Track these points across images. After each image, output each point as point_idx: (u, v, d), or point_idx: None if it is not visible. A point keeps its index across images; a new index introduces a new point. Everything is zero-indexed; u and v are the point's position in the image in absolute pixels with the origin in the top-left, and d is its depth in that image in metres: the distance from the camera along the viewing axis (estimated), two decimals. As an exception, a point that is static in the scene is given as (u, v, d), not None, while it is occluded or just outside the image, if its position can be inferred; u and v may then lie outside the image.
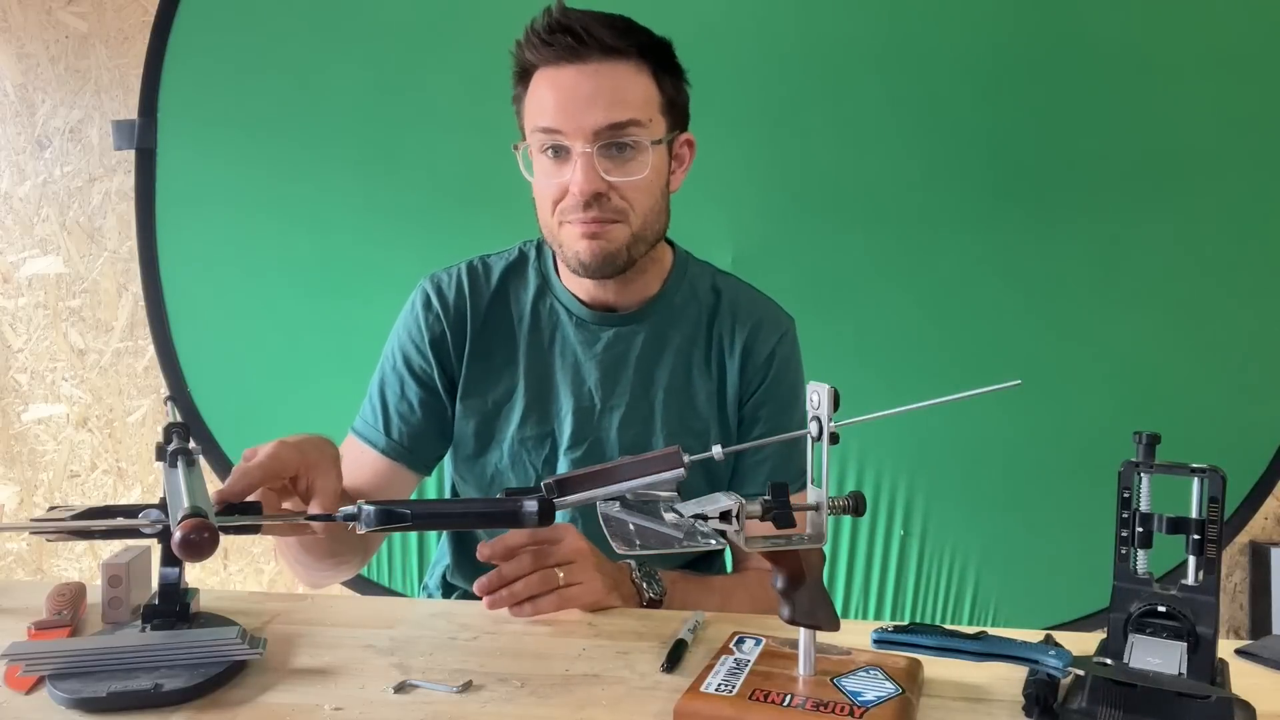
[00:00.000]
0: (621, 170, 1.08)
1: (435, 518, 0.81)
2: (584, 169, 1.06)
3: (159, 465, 0.85)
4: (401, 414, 1.19)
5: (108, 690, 0.72)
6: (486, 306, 1.20)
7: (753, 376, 1.20)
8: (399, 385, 1.20)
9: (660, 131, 1.10)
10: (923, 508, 1.81)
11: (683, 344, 1.20)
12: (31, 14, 2.02)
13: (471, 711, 0.73)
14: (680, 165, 1.17)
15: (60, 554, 2.19)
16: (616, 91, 1.06)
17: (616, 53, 1.06)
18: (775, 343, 1.21)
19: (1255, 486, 1.79)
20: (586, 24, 1.05)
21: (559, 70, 1.07)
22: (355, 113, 1.82)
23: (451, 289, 1.20)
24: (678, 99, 1.14)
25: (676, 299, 1.21)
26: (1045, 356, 1.78)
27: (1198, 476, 0.72)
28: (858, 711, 0.68)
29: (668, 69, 1.12)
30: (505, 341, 1.20)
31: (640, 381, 1.18)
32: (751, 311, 1.22)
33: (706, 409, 1.20)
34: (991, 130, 1.74)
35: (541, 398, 1.18)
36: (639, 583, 1.02)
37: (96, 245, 2.07)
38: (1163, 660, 0.71)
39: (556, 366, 1.19)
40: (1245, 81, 1.71)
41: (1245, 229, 1.74)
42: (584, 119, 1.05)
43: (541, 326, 1.20)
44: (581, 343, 1.19)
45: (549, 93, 1.07)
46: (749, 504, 0.69)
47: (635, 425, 1.18)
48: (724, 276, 1.25)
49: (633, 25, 1.10)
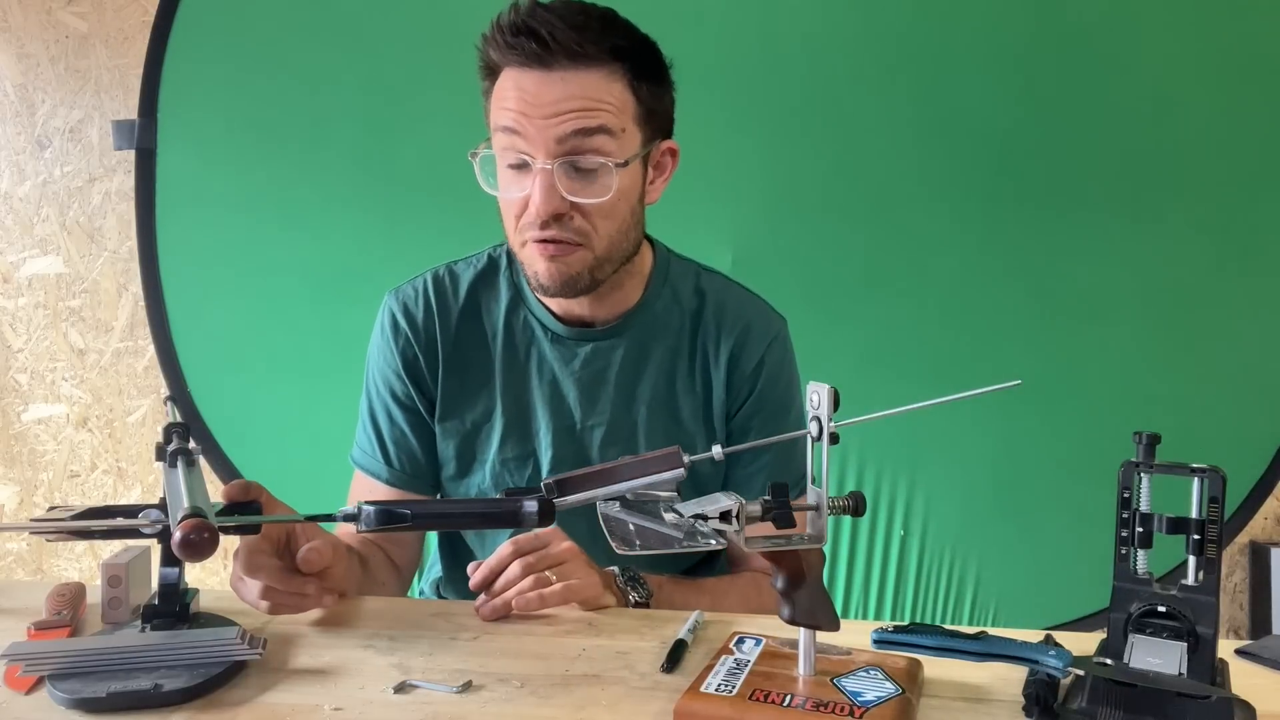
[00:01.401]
0: (584, 191, 1.00)
1: (435, 518, 0.81)
2: (542, 188, 0.98)
3: (159, 465, 0.85)
4: (396, 441, 1.16)
5: (108, 690, 0.72)
6: (457, 322, 1.14)
7: (740, 387, 1.15)
8: (387, 413, 1.16)
9: (634, 145, 1.02)
10: (923, 508, 1.81)
11: (665, 356, 1.14)
12: (31, 14, 2.02)
13: (471, 711, 0.73)
14: (660, 174, 1.10)
15: (60, 554, 2.19)
16: (583, 101, 0.97)
17: (585, 58, 0.97)
18: (764, 350, 1.15)
19: (1255, 486, 1.79)
20: (553, 26, 0.96)
21: (523, 73, 0.99)
22: (355, 112, 1.83)
23: (419, 307, 1.15)
24: (657, 106, 1.05)
25: (658, 307, 1.15)
26: (1045, 356, 1.78)
27: (1198, 476, 0.72)
28: (858, 711, 0.68)
29: (646, 74, 1.02)
30: (479, 358, 1.14)
31: (621, 399, 1.13)
32: (739, 316, 1.15)
33: (692, 424, 1.15)
34: (991, 130, 1.74)
35: (520, 417, 1.14)
36: (623, 588, 1.00)
37: (96, 245, 2.07)
38: (1163, 660, 0.71)
39: (534, 384, 1.13)
40: (1247, 84, 1.72)
41: (1245, 229, 1.75)
42: (546, 130, 0.97)
43: (516, 342, 1.14)
44: (558, 359, 1.13)
45: (512, 94, 0.99)
46: (749, 504, 0.69)
47: (618, 444, 1.13)
48: (709, 276, 1.19)
49: (609, 25, 1.00)
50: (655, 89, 1.04)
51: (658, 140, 1.07)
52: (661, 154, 1.09)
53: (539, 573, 0.93)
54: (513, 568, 0.94)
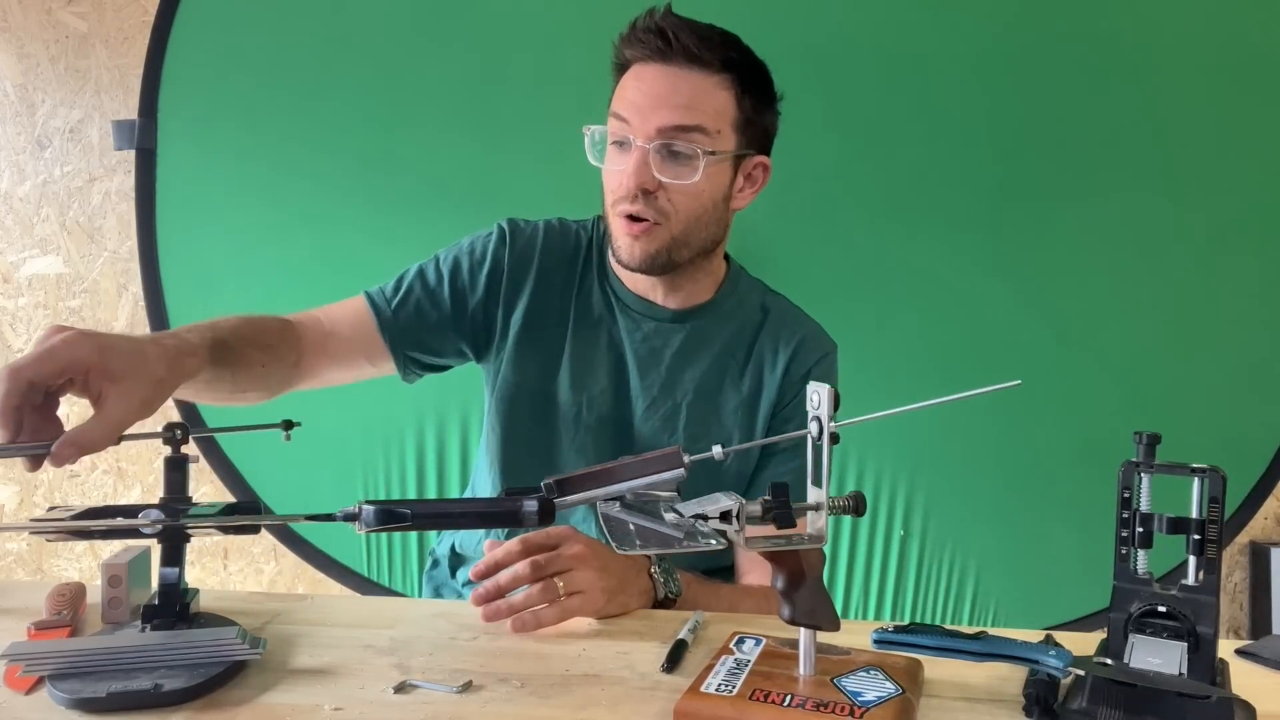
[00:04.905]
0: (674, 172, 1.11)
1: (435, 517, 0.81)
2: (636, 163, 1.10)
3: (159, 465, 0.85)
4: (420, 307, 1.22)
5: (107, 690, 0.72)
6: (552, 265, 1.24)
7: (786, 390, 1.23)
8: (436, 282, 1.23)
9: (728, 145, 1.13)
10: (923, 508, 1.81)
11: (720, 352, 1.23)
12: (31, 14, 2.02)
13: (471, 711, 0.73)
14: (751, 186, 1.21)
15: (60, 554, 2.19)
16: (690, 98, 1.10)
17: (700, 62, 1.10)
18: (814, 362, 1.24)
19: (1255, 486, 1.79)
20: (678, 30, 1.10)
21: (646, 66, 1.12)
22: (356, 112, 1.82)
23: (524, 236, 1.25)
24: (758, 120, 1.16)
25: (724, 309, 1.25)
26: (1045, 356, 1.78)
27: (1198, 476, 0.72)
28: (858, 711, 0.68)
29: (753, 90, 1.15)
30: (560, 304, 1.24)
31: (670, 380, 1.22)
32: (797, 329, 1.25)
33: (731, 419, 1.22)
34: (991, 130, 1.74)
35: (579, 368, 1.22)
36: (656, 578, 1.00)
37: (96, 245, 2.07)
38: (1163, 660, 0.71)
39: (601, 344, 1.23)
40: (1246, 81, 1.71)
41: (1246, 228, 1.74)
42: (651, 115, 1.09)
43: (593, 302, 1.24)
44: (625, 329, 1.23)
45: (631, 83, 1.12)
46: (749, 504, 0.69)
47: (658, 420, 1.21)
48: (774, 296, 1.30)
49: (727, 41, 1.13)
50: (758, 104, 1.16)
51: (752, 152, 1.18)
52: (754, 166, 1.20)
53: (546, 578, 0.92)
54: (520, 565, 0.93)
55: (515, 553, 0.94)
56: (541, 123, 1.76)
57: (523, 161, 1.77)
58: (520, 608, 0.90)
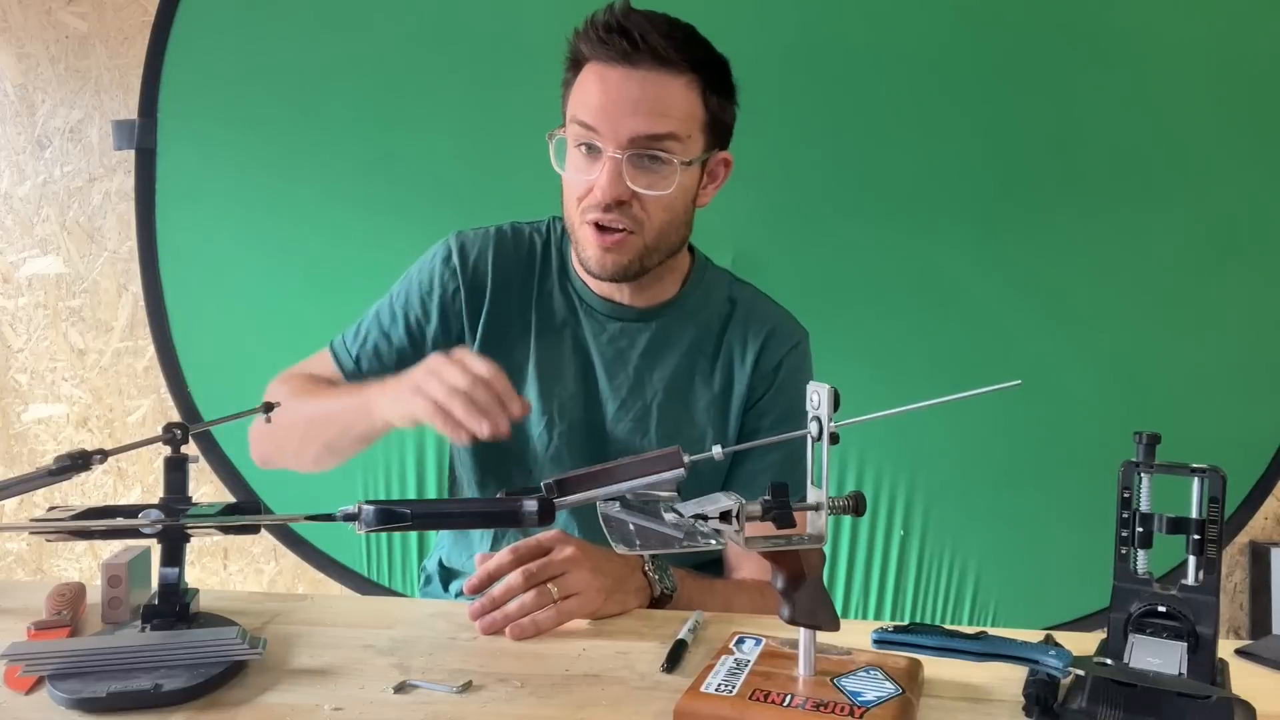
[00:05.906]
0: (647, 182, 1.07)
1: (435, 517, 0.81)
2: (610, 174, 1.06)
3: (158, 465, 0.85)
4: (379, 351, 1.22)
5: (108, 690, 0.72)
6: (508, 274, 1.21)
7: (758, 384, 1.20)
8: (390, 322, 1.22)
9: (696, 150, 1.10)
10: (923, 508, 1.81)
11: (688, 349, 1.20)
12: (31, 14, 2.02)
13: (471, 711, 0.73)
14: (713, 182, 1.18)
15: (60, 554, 2.19)
16: (660, 103, 1.06)
17: (668, 64, 1.06)
18: (785, 353, 1.20)
19: (1255, 486, 1.79)
20: (645, 30, 1.05)
21: (608, 68, 1.06)
22: (355, 112, 1.82)
23: (474, 249, 1.22)
24: (722, 118, 1.13)
25: (689, 304, 1.21)
26: (1045, 356, 1.78)
27: (1198, 476, 0.72)
28: (858, 711, 0.68)
29: (718, 88, 1.11)
30: (520, 312, 1.21)
31: (638, 381, 1.19)
32: (766, 320, 1.22)
33: (703, 416, 1.19)
34: (991, 130, 1.74)
35: (547, 375, 1.19)
36: (651, 575, 0.99)
37: (96, 245, 2.07)
38: (1163, 660, 0.71)
39: (566, 348, 1.20)
40: (1244, 80, 1.72)
41: (1245, 228, 1.74)
42: (622, 124, 1.05)
43: (555, 307, 1.21)
44: (589, 331, 1.20)
45: (595, 87, 1.07)
46: (749, 504, 0.69)
47: (629, 422, 1.19)
48: (740, 286, 1.26)
49: (692, 38, 1.09)
50: (722, 102, 1.13)
51: (716, 149, 1.15)
52: (717, 162, 1.17)
53: (540, 584, 0.91)
54: (513, 575, 0.92)
55: (506, 563, 0.94)
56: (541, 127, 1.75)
57: (521, 164, 1.76)
58: (516, 616, 0.89)
